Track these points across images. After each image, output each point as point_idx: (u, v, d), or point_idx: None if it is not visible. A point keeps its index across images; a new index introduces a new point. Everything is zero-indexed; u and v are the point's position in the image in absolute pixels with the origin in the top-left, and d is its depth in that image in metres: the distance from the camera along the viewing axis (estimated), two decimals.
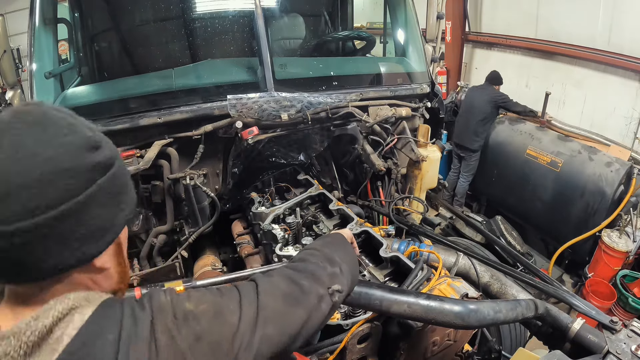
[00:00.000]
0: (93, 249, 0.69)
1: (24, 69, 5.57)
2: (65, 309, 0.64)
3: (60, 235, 0.63)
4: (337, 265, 0.98)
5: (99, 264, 0.72)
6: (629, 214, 3.53)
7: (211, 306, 0.75)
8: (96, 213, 0.68)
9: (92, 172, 0.67)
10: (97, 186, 0.68)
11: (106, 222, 0.71)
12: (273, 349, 0.78)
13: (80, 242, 0.66)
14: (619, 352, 1.17)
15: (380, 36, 3.74)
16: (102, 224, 0.69)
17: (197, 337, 0.69)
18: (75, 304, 0.65)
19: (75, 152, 0.65)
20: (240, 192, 2.52)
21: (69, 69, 2.71)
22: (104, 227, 0.70)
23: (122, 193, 0.75)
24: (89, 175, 0.66)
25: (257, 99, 2.14)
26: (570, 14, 4.15)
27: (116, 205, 0.73)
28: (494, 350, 2.07)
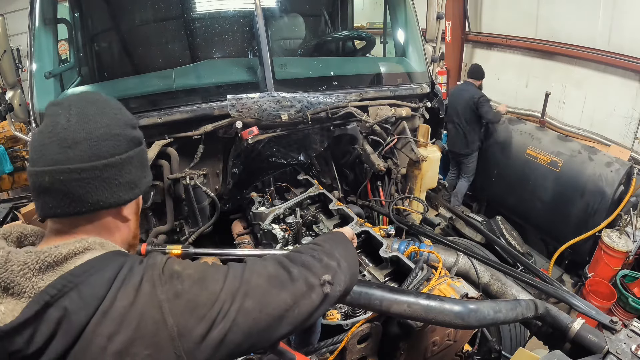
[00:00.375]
0: (125, 195, 0.90)
1: (24, 69, 5.56)
2: (82, 247, 0.80)
3: (105, 178, 0.85)
4: (335, 259, 1.01)
5: (125, 213, 0.92)
6: (629, 214, 3.53)
7: (197, 272, 0.84)
8: (130, 170, 0.90)
9: (131, 142, 0.91)
10: (133, 152, 0.92)
11: (136, 179, 0.92)
12: (251, 324, 0.83)
13: (117, 187, 0.88)
14: (619, 352, 1.17)
15: (380, 36, 3.74)
16: (133, 179, 0.91)
17: (176, 294, 0.79)
18: (91, 246, 0.82)
19: (123, 125, 0.91)
20: (240, 192, 2.52)
21: (69, 69, 2.71)
22: (134, 182, 0.92)
23: (145, 165, 0.98)
24: (129, 143, 0.91)
25: (257, 99, 2.14)
26: (570, 14, 4.15)
27: (142, 171, 0.96)
28: (494, 350, 2.07)
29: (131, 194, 0.92)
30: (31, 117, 2.05)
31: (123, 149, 0.88)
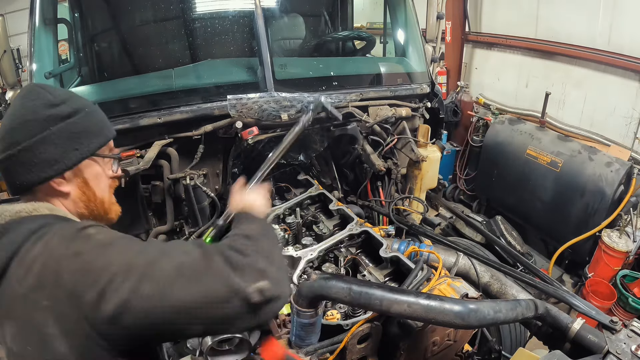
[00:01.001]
0: (44, 173, 0.98)
1: (24, 69, 5.57)
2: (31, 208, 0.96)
3: (24, 162, 0.96)
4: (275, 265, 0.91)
5: (57, 187, 1.01)
6: (629, 214, 3.53)
7: (108, 240, 0.88)
8: (47, 149, 0.97)
9: (45, 122, 0.97)
10: (49, 131, 0.97)
11: (56, 156, 0.98)
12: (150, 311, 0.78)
13: (37, 167, 0.97)
14: (619, 352, 1.17)
15: (380, 36, 3.74)
16: (51, 157, 0.98)
17: (76, 253, 0.83)
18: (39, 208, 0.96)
19: (35, 109, 0.98)
20: None
21: (69, 69, 2.71)
22: (54, 159, 0.98)
23: (78, 137, 1.02)
24: (43, 124, 0.97)
25: (257, 99, 2.14)
26: (570, 14, 4.14)
27: (70, 145, 1.00)
28: (494, 350, 2.07)
29: (50, 170, 0.99)
30: None
31: (35, 132, 0.96)
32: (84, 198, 1.06)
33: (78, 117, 1.03)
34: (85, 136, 1.04)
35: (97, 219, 1.09)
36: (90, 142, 1.05)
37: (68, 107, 1.02)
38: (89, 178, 1.06)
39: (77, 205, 1.06)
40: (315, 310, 1.32)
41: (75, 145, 1.01)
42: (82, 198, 1.06)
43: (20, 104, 1.00)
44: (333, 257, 1.90)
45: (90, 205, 1.08)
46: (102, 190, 1.11)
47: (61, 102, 1.01)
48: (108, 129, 1.12)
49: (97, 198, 1.09)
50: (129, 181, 1.86)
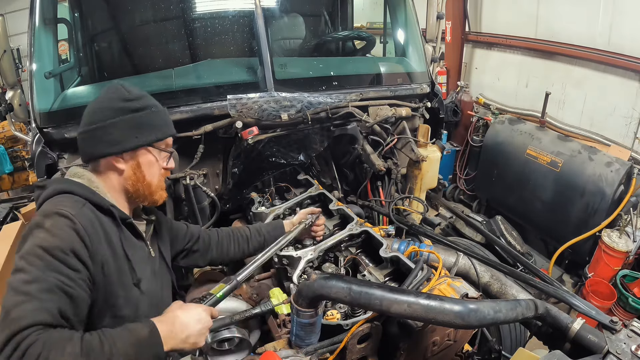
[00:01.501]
0: (108, 150, 1.26)
1: (24, 69, 5.57)
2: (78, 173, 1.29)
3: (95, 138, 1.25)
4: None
5: (115, 163, 1.27)
6: (629, 214, 3.53)
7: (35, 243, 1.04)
8: (113, 132, 1.24)
9: (118, 111, 1.25)
10: (119, 119, 1.24)
11: (119, 138, 1.25)
12: None
13: (103, 144, 1.25)
14: (619, 352, 1.17)
15: (380, 36, 3.74)
16: (115, 138, 1.25)
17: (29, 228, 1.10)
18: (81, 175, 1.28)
19: (114, 100, 1.27)
20: (240, 192, 2.52)
21: (69, 69, 2.71)
22: (116, 140, 1.25)
23: (140, 128, 1.27)
24: (116, 112, 1.25)
25: (257, 99, 2.14)
26: (570, 14, 4.14)
27: (132, 133, 1.26)
28: (494, 350, 2.07)
29: (113, 149, 1.25)
30: (31, 117, 2.05)
31: (108, 117, 1.24)
32: (134, 177, 1.30)
33: (144, 112, 1.28)
34: (146, 129, 1.28)
35: (141, 197, 1.34)
36: (149, 134, 1.29)
37: (138, 103, 1.27)
38: (142, 162, 1.30)
39: (126, 181, 1.30)
40: (315, 310, 1.32)
41: (135, 134, 1.26)
42: (132, 177, 1.30)
43: (104, 94, 1.29)
44: (333, 257, 1.90)
45: (137, 185, 1.31)
46: (152, 176, 1.33)
47: (134, 98, 1.27)
48: (168, 128, 1.36)
49: (146, 180, 1.32)
50: None
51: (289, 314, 1.54)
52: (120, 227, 1.26)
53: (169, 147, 1.39)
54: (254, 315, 1.57)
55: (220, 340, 1.49)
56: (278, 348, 1.40)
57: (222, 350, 1.55)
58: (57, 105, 2.12)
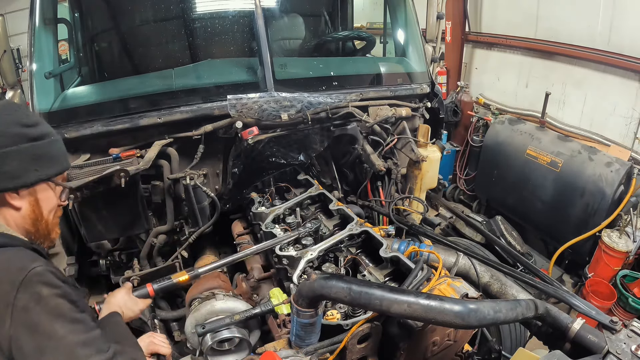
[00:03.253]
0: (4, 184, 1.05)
1: (24, 69, 5.56)
2: None
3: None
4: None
5: (10, 200, 1.08)
6: (629, 214, 3.53)
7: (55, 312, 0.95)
8: (11, 164, 1.05)
9: (16, 138, 1.06)
10: (17, 147, 1.06)
11: (18, 172, 1.06)
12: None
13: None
14: (619, 352, 1.17)
15: (380, 36, 3.74)
16: (13, 171, 1.05)
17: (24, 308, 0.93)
18: None
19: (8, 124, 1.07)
20: (240, 192, 2.52)
21: (69, 69, 2.71)
22: (15, 174, 1.06)
23: (40, 161, 1.10)
24: (13, 139, 1.05)
25: (257, 99, 2.14)
26: (570, 14, 4.14)
27: (31, 166, 1.09)
28: (494, 350, 2.07)
29: (10, 183, 1.06)
30: None
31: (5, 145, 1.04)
32: (32, 216, 1.14)
33: (44, 142, 1.12)
34: (47, 161, 1.13)
35: (41, 237, 1.18)
36: (50, 167, 1.14)
37: (37, 130, 1.11)
38: (40, 199, 1.15)
39: (24, 220, 1.13)
40: (315, 310, 1.32)
41: (36, 167, 1.10)
42: (31, 215, 1.14)
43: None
44: (333, 257, 1.90)
45: (36, 224, 1.16)
46: (49, 212, 1.19)
47: (33, 124, 1.11)
48: (65, 159, 1.23)
49: (44, 218, 1.17)
50: (128, 181, 1.86)
51: (289, 314, 1.54)
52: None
53: (65, 181, 1.28)
54: (254, 315, 1.57)
55: (220, 340, 1.49)
56: (278, 348, 1.40)
57: (222, 350, 1.55)
58: (57, 105, 2.12)
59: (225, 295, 1.66)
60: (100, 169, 1.87)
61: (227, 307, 1.63)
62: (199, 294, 1.73)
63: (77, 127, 1.98)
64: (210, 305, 1.63)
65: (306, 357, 1.32)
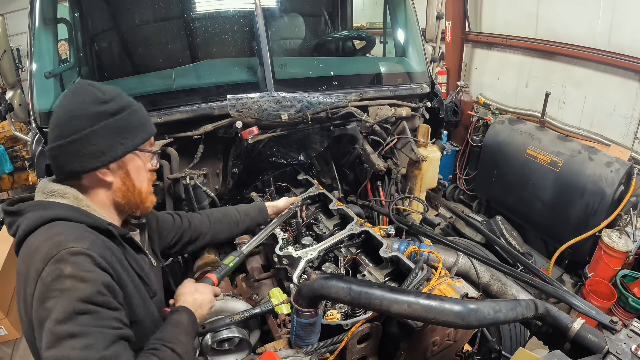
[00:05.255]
0: (91, 164, 1.10)
1: (24, 69, 5.57)
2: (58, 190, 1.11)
3: (71, 153, 1.08)
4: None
5: (102, 177, 1.13)
6: (629, 214, 3.53)
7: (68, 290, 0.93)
8: (96, 142, 1.08)
9: (95, 118, 1.08)
10: (99, 126, 1.08)
11: (104, 148, 1.10)
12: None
13: (84, 158, 1.09)
14: (619, 352, 1.17)
15: (380, 36, 3.74)
16: (99, 149, 1.09)
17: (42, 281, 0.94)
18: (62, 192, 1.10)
19: (84, 106, 1.09)
20: (240, 192, 2.52)
21: (69, 69, 2.71)
22: (101, 151, 1.10)
23: (124, 132, 1.13)
24: (93, 119, 1.08)
25: (257, 99, 2.14)
26: (570, 14, 4.14)
27: (117, 140, 1.11)
28: (494, 350, 2.07)
29: (97, 161, 1.10)
30: (31, 117, 2.05)
31: (85, 126, 1.07)
32: (124, 188, 1.17)
33: (125, 113, 1.13)
34: (130, 132, 1.14)
35: (133, 207, 1.23)
36: (134, 137, 1.15)
37: (116, 104, 1.12)
38: (131, 170, 1.18)
39: (115, 194, 1.17)
40: (315, 310, 1.32)
41: (121, 140, 1.12)
42: (122, 188, 1.17)
43: (70, 99, 1.11)
44: (333, 257, 1.90)
45: (128, 195, 1.19)
46: (141, 182, 1.22)
47: (110, 99, 1.11)
48: (150, 126, 1.24)
49: (136, 188, 1.20)
50: None
51: (289, 314, 1.54)
52: (121, 245, 1.17)
53: (153, 147, 1.28)
54: (254, 315, 1.57)
55: (220, 340, 1.49)
56: (278, 348, 1.40)
57: (222, 350, 1.55)
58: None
59: (225, 295, 1.66)
60: None
61: (227, 307, 1.62)
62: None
63: None
64: None
65: (306, 357, 1.32)
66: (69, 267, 0.94)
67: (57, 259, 0.94)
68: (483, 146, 4.92)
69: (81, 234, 1.02)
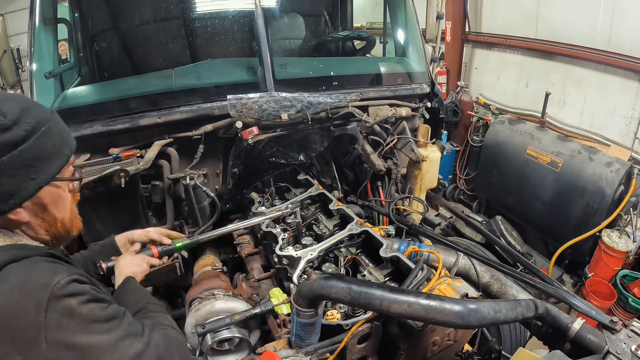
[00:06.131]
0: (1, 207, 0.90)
1: (24, 69, 5.56)
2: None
3: None
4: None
5: (14, 217, 0.93)
6: (629, 214, 3.53)
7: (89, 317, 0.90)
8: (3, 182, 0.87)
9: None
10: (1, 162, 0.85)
11: (11, 189, 0.89)
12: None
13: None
14: (619, 352, 1.17)
15: (380, 36, 3.74)
16: (7, 190, 0.88)
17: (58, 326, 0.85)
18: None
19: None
20: (240, 192, 2.52)
21: (69, 69, 2.71)
22: (8, 192, 0.89)
23: (34, 164, 0.91)
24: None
25: (257, 99, 2.14)
26: (570, 14, 4.14)
27: (25, 175, 0.90)
28: (494, 350, 2.07)
29: (6, 205, 0.89)
30: None
31: None
32: (44, 224, 1.00)
33: (33, 139, 0.90)
34: (42, 162, 0.93)
35: (59, 239, 1.06)
36: (47, 168, 0.94)
37: (21, 129, 0.88)
38: (47, 204, 0.98)
39: (37, 231, 0.99)
40: (315, 310, 1.32)
41: (31, 175, 0.91)
42: (42, 224, 1.00)
43: None
44: (333, 257, 1.90)
45: (50, 230, 1.02)
46: (63, 211, 1.04)
47: (13, 122, 0.87)
48: (67, 144, 1.02)
49: (58, 220, 1.03)
50: (128, 181, 1.86)
51: (289, 314, 1.54)
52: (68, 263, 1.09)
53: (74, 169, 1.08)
54: (254, 315, 1.57)
55: (220, 340, 1.49)
56: (278, 348, 1.40)
57: (222, 350, 1.55)
58: (57, 105, 2.13)
59: (225, 295, 1.66)
60: (100, 169, 1.87)
61: (227, 307, 1.62)
62: (199, 294, 1.73)
63: (77, 127, 1.98)
64: (210, 305, 1.63)
65: (306, 357, 1.32)
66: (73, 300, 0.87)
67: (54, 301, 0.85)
68: (483, 146, 4.92)
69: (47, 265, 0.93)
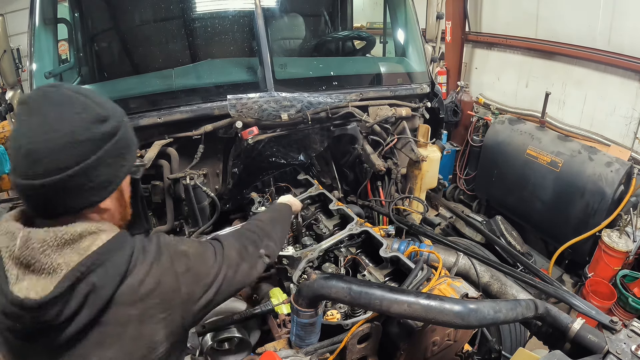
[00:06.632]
0: (98, 197, 0.92)
1: (24, 69, 5.56)
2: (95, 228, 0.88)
3: (74, 187, 0.85)
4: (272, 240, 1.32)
5: (103, 206, 0.94)
6: (629, 214, 3.53)
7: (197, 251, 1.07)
8: (102, 171, 0.89)
9: (99, 141, 0.88)
10: (103, 151, 0.88)
11: (110, 177, 0.92)
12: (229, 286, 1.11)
13: (89, 192, 0.88)
14: (619, 352, 1.17)
15: (380, 36, 3.74)
16: (106, 178, 0.91)
17: (187, 268, 1.01)
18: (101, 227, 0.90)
19: (89, 124, 0.86)
20: (240, 192, 2.52)
21: (69, 69, 2.71)
22: (108, 180, 0.92)
23: (124, 153, 0.96)
24: (97, 143, 0.87)
25: (257, 99, 2.14)
26: (570, 14, 4.14)
27: (119, 163, 0.94)
28: (494, 350, 2.07)
29: (105, 192, 0.93)
30: None
31: (90, 153, 0.85)
32: (120, 209, 1.03)
33: (122, 130, 0.95)
34: (128, 149, 0.98)
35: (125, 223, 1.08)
36: (132, 154, 1.00)
37: (114, 120, 0.92)
38: (124, 189, 1.03)
39: (113, 217, 1.00)
40: (315, 310, 1.32)
41: (122, 162, 0.95)
42: (119, 209, 1.02)
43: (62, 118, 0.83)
44: (333, 257, 1.90)
45: (123, 214, 1.05)
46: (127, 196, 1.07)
47: (108, 115, 0.90)
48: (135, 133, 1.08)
49: (127, 205, 1.07)
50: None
51: (289, 314, 1.54)
52: None
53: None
54: (254, 315, 1.57)
55: (220, 340, 1.49)
56: (278, 348, 1.40)
57: (222, 350, 1.55)
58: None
59: None
60: None
61: (227, 307, 1.63)
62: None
63: None
64: None
65: (306, 357, 1.32)
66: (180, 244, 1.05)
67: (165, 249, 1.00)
68: (483, 146, 4.92)
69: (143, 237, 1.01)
